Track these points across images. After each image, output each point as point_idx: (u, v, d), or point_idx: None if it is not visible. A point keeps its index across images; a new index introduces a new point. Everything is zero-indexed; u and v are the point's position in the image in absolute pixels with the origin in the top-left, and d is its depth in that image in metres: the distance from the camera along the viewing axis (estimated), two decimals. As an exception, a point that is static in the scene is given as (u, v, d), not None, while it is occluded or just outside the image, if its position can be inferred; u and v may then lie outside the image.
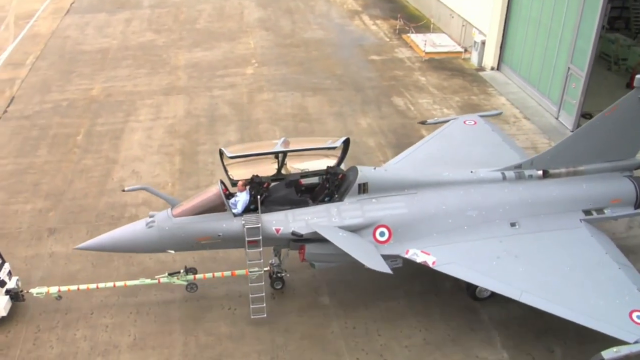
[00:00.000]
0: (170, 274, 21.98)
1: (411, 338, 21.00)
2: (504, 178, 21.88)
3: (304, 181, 21.44)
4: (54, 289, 21.60)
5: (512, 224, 21.00)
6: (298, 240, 20.08)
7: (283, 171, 21.35)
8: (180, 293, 22.77)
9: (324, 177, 20.99)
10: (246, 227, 19.59)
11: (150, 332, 21.49)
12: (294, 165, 21.45)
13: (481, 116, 27.85)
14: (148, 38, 50.49)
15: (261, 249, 19.92)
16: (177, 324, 21.81)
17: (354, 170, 20.82)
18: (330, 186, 20.61)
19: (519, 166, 22.29)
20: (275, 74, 41.83)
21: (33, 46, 49.30)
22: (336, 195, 20.52)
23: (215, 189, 20.29)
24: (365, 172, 20.64)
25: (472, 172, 21.86)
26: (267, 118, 35.92)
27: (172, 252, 20.87)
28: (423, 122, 29.15)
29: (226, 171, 20.90)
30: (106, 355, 20.66)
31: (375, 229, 20.19)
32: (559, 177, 22.19)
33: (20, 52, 48.17)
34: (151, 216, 20.46)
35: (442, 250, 19.98)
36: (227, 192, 20.51)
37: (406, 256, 20.01)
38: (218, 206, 19.93)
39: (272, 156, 20.97)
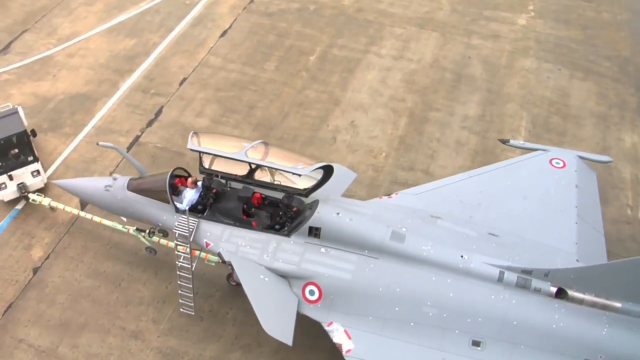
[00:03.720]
0: (137, 229, 21.42)
1: None
2: (500, 280, 16.61)
3: (270, 195, 18.87)
4: (46, 200, 23.14)
5: (475, 343, 16.29)
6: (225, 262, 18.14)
7: (257, 176, 18.79)
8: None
9: (282, 201, 18.24)
10: (177, 232, 18.10)
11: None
12: (263, 178, 18.74)
13: (581, 157, 21.59)
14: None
15: (189, 252, 18.56)
16: None
17: (313, 206, 17.63)
18: (283, 216, 18.01)
19: (529, 271, 16.53)
20: (549, 34, 34.50)
21: None
22: (286, 228, 17.87)
23: (163, 180, 18.72)
24: (322, 215, 17.37)
25: (462, 256, 16.90)
26: (519, 97, 29.86)
27: (124, 218, 20.70)
28: (504, 141, 23.68)
29: (200, 158, 18.83)
30: None
31: (307, 284, 17.33)
32: (578, 304, 16.23)
33: None
34: (114, 179, 20.05)
35: (367, 340, 16.48)
36: (180, 184, 19.17)
37: (326, 328, 16.97)
38: (163, 198, 18.76)
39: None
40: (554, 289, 16.45)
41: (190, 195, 18.82)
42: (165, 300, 21.33)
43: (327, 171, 18.01)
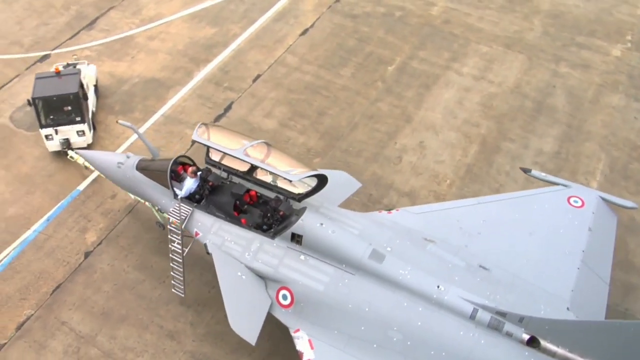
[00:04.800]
0: None
1: None
2: (473, 317, 16.16)
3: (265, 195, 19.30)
4: (82, 160, 23.15)
5: None
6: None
7: (258, 174, 19.39)
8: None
9: (271, 203, 18.61)
10: (170, 217, 18.88)
11: None
12: (263, 177, 19.28)
13: (604, 199, 20.46)
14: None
15: (181, 238, 19.05)
16: None
17: (300, 213, 17.92)
18: (270, 218, 18.39)
19: (503, 314, 15.93)
20: (647, 70, 32.45)
21: None
22: (272, 230, 18.23)
23: (165, 166, 19.55)
24: (306, 223, 17.61)
25: (438, 287, 16.54)
26: (600, 136, 27.96)
27: (131, 196, 21.54)
28: (525, 171, 22.86)
29: (207, 149, 19.54)
30: None
31: (281, 288, 17.65)
32: (550, 356, 15.59)
33: None
34: (127, 157, 20.99)
35: (328, 353, 16.47)
36: (183, 171, 19.89)
37: (292, 334, 17.10)
38: (164, 182, 19.60)
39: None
40: (526, 336, 15.85)
41: (189, 184, 19.45)
42: (205, 304, 21.30)
43: (322, 180, 18.26)
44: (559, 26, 34.48)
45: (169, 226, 19.31)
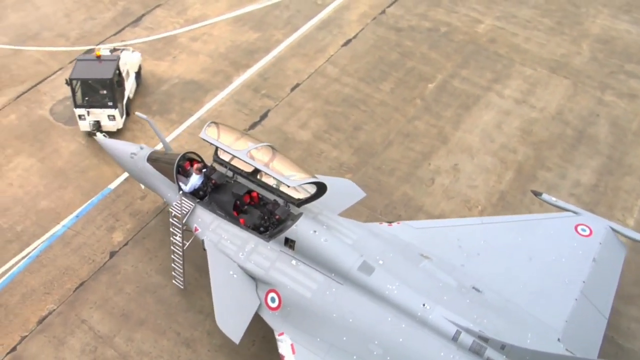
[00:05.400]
0: None
1: None
2: (455, 339, 16.02)
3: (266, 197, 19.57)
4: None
5: None
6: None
7: (263, 176, 19.60)
8: None
9: (268, 206, 19.01)
10: (173, 211, 19.38)
11: None
12: (266, 179, 19.49)
13: (614, 230, 19.80)
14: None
15: (181, 232, 19.68)
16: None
17: (295, 218, 18.14)
18: (267, 220, 18.78)
19: (485, 339, 15.75)
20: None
21: None
22: (267, 232, 18.54)
23: (173, 160, 20.08)
24: (300, 229, 17.78)
25: (424, 305, 16.44)
26: (643, 171, 27.24)
27: (142, 186, 22.20)
28: (536, 194, 22.30)
29: (216, 148, 19.69)
30: None
31: (270, 291, 17.90)
32: None
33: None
34: (141, 148, 21.53)
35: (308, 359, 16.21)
36: (189, 166, 20.33)
37: (276, 337, 17.39)
38: (170, 176, 20.16)
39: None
40: None
41: (194, 180, 20.01)
42: (224, 314, 21.15)
43: (321, 188, 18.35)
44: (608, 52, 33.53)
45: (171, 219, 19.83)
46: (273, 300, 17.93)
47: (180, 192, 19.97)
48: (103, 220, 23.99)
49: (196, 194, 20.04)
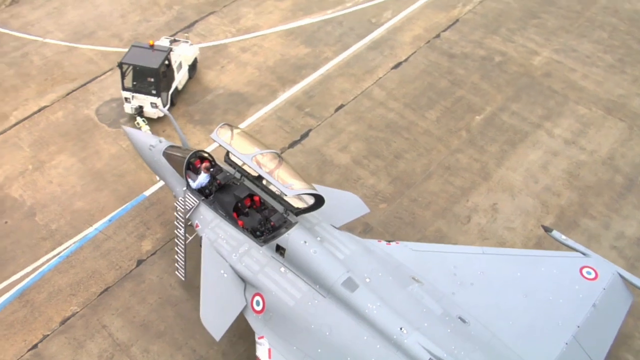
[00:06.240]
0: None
1: None
2: None
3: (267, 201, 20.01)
4: (146, 128, 27.33)
5: None
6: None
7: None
8: None
9: (265, 212, 19.71)
10: (178, 205, 20.26)
11: None
12: (271, 184, 19.47)
13: (622, 276, 18.94)
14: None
15: (183, 228, 20.46)
16: None
17: (289, 227, 18.53)
18: (263, 225, 19.32)
19: None
20: None
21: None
22: (262, 237, 18.95)
23: (184, 157, 20.60)
24: (291, 238, 18.14)
25: (401, 329, 16.36)
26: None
27: (157, 178, 23.29)
28: (547, 230, 21.75)
29: (227, 149, 19.75)
30: None
31: (256, 294, 18.27)
32: None
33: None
34: (160, 141, 22.01)
35: None
36: (199, 165, 20.83)
37: (256, 339, 17.74)
38: (180, 172, 20.65)
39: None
40: None
41: (201, 178, 20.65)
42: (241, 336, 21.08)
43: (319, 200, 18.53)
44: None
45: (175, 213, 20.66)
46: (258, 303, 18.31)
47: (186, 188, 20.52)
48: (134, 227, 24.17)
49: (202, 192, 20.62)
